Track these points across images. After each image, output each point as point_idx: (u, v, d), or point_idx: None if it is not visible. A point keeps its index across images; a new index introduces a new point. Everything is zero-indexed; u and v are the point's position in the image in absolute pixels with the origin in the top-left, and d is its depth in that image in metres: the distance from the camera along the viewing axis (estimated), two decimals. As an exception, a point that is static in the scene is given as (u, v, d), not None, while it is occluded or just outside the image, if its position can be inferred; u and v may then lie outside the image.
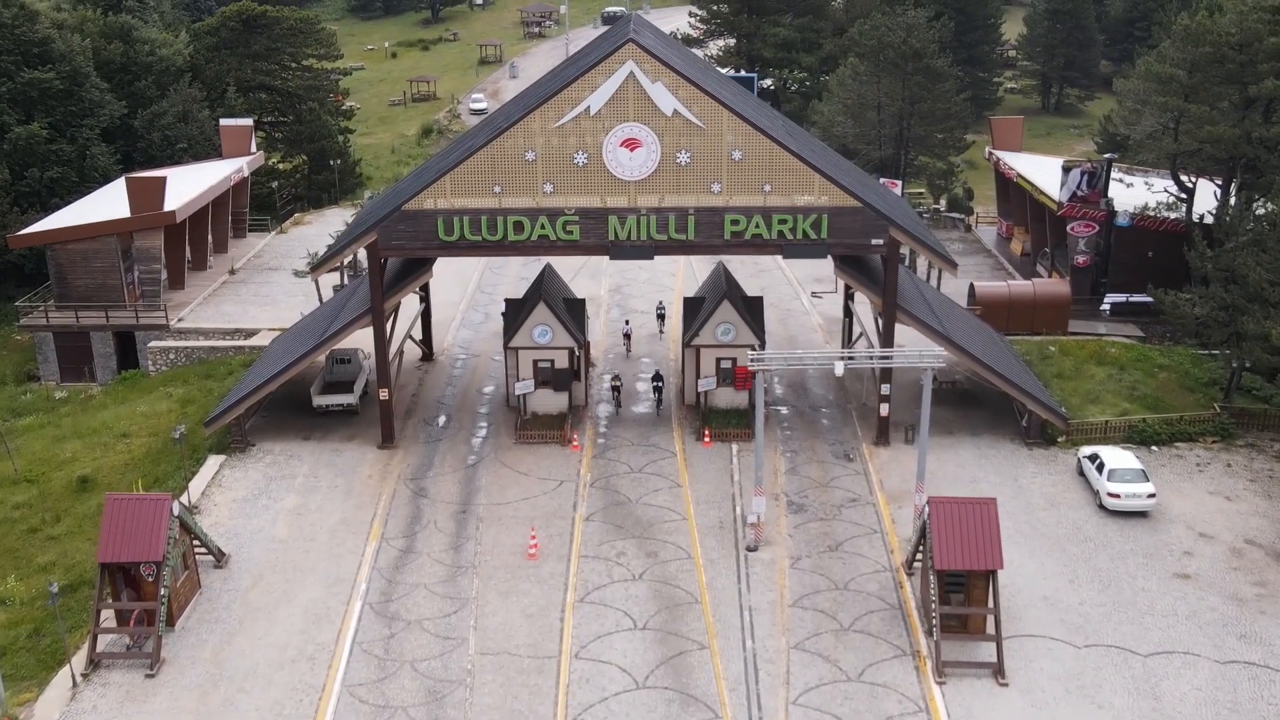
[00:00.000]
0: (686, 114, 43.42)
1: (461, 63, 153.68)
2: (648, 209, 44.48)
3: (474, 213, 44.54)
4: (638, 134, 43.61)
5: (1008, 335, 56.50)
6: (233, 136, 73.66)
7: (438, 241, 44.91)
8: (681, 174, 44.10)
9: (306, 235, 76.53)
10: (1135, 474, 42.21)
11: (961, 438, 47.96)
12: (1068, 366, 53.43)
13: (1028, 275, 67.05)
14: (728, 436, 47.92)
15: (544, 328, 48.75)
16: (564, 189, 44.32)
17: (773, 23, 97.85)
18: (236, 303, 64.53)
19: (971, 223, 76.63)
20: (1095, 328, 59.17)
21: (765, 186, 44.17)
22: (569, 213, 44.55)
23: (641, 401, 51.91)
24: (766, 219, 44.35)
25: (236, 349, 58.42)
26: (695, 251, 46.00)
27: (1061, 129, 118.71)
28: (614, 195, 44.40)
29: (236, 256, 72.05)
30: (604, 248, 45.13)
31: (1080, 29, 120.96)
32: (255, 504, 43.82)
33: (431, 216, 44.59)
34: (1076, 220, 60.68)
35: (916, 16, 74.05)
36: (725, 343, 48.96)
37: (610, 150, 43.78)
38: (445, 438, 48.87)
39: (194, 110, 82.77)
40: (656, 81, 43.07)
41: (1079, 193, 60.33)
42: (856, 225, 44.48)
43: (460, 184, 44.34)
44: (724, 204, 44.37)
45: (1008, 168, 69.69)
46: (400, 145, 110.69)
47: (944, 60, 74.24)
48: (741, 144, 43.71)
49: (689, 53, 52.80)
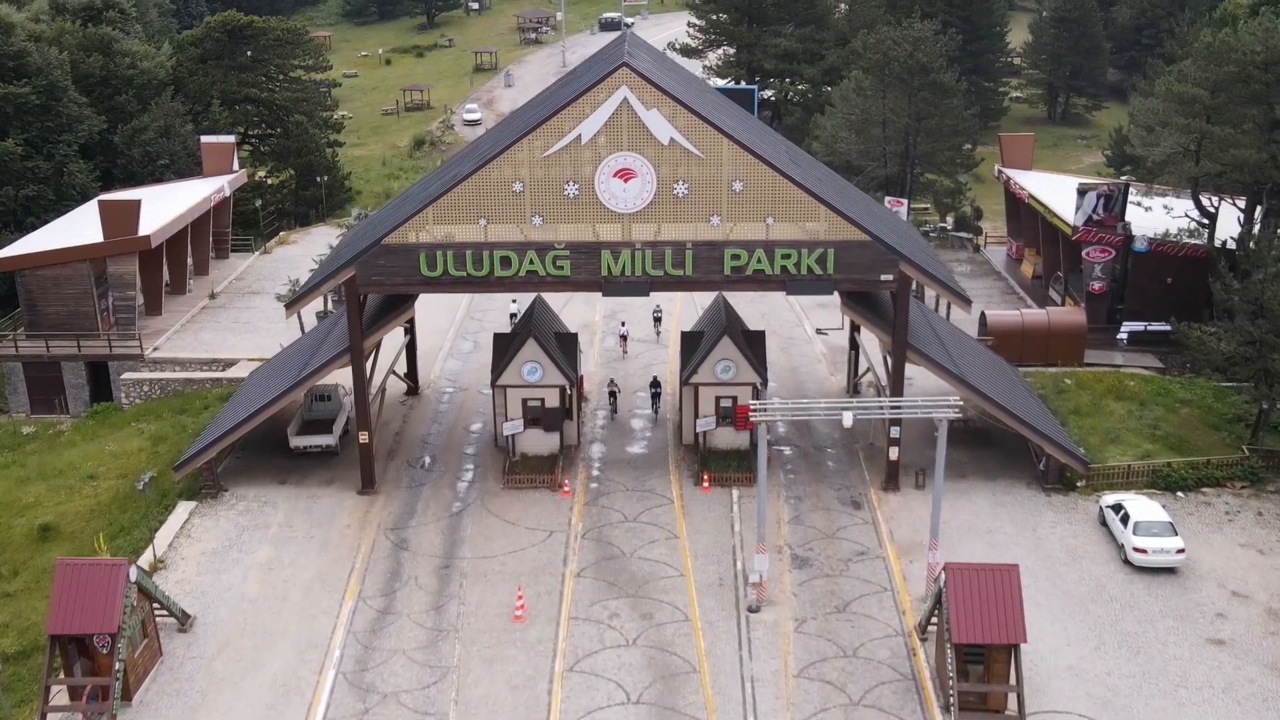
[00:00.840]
0: (684, 143, 40.79)
1: (456, 70, 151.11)
2: (643, 243, 41.85)
3: (458, 247, 41.91)
4: (632, 164, 41.00)
5: (1021, 366, 54.02)
6: (214, 154, 71.03)
7: (420, 278, 42.28)
8: (679, 206, 41.48)
9: (291, 256, 73.89)
10: (1163, 527, 39.57)
11: (975, 482, 45.32)
12: (1085, 402, 50.82)
13: (1039, 299, 64.48)
14: (728, 481, 45.28)
15: (533, 365, 46.13)
16: (554, 222, 41.70)
17: (774, 33, 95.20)
18: (215, 330, 61.87)
19: (980, 243, 74.02)
20: (1112, 358, 56.55)
21: (768, 219, 41.55)
22: (559, 247, 41.92)
23: (638, 415, 49.30)
24: (769, 253, 41.72)
25: (214, 381, 55.78)
26: (693, 288, 43.39)
27: (1069, 140, 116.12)
28: (607, 228, 41.78)
29: (217, 279, 69.39)
30: (596, 284, 42.50)
31: (1087, 37, 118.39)
32: (225, 557, 41.17)
33: (413, 251, 41.95)
34: (1092, 245, 58.08)
35: (923, 29, 71.42)
36: (725, 381, 46.39)
37: (603, 181, 41.17)
38: (429, 482, 46.22)
39: (176, 125, 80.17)
40: (652, 109, 40.44)
41: (1095, 216, 57.75)
42: (865, 260, 41.85)
43: (444, 216, 41.72)
44: (724, 238, 41.75)
45: (1018, 187, 67.07)
46: (392, 157, 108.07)
47: (952, 74, 71.61)
48: (742, 174, 41.10)
49: (686, 74, 50.13)
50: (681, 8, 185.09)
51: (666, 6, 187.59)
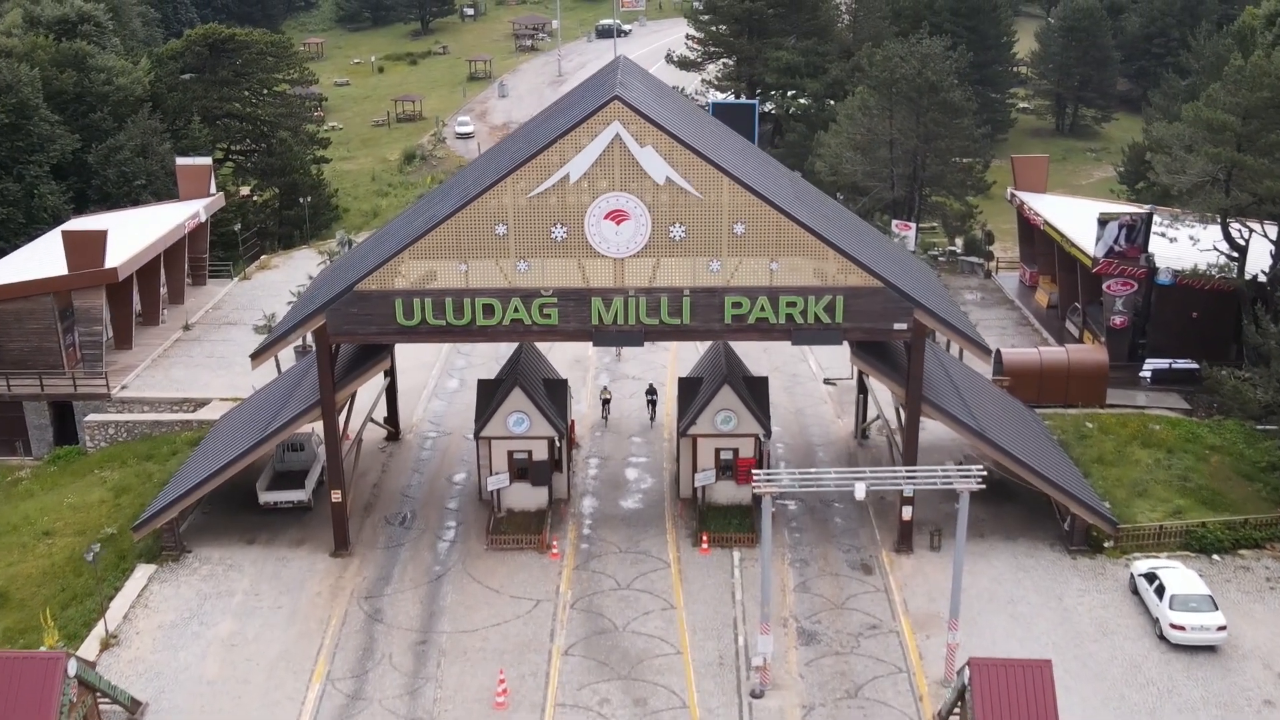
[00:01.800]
0: (681, 182, 37.62)
1: (450, 78, 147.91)
2: (636, 290, 38.67)
3: (437, 294, 38.73)
4: (625, 205, 37.82)
5: (1039, 407, 50.90)
6: (190, 177, 67.80)
7: (395, 327, 39.08)
8: (675, 250, 38.30)
9: (272, 282, 70.68)
10: (1202, 601, 36.41)
11: (995, 542, 42.15)
12: (1109, 449, 47.68)
13: (1055, 331, 61.32)
14: (728, 542, 42.10)
15: (520, 416, 42.97)
16: (540, 267, 38.52)
17: (775, 45, 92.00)
18: (188, 366, 58.63)
19: (991, 269, 70.79)
20: (1134, 398, 53.36)
21: (772, 264, 38.38)
22: (546, 294, 38.74)
23: (632, 464, 46.14)
24: (773, 301, 38.55)
25: (183, 423, 52.56)
26: (691, 337, 40.19)
27: (1078, 152, 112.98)
28: (598, 274, 38.60)
29: (193, 309, 66.15)
30: (587, 333, 39.34)
31: (1096, 47, 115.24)
32: (184, 631, 37.97)
33: (388, 298, 38.77)
34: (1114, 278, 54.90)
35: (932, 45, 68.25)
36: (726, 432, 43.24)
37: (593, 223, 37.99)
38: (408, 541, 43.04)
39: (154, 143, 76.94)
40: (646, 146, 37.27)
41: (1116, 248, 54.58)
42: (877, 308, 38.68)
43: (421, 261, 38.54)
44: (724, 284, 38.58)
45: (1032, 213, 63.88)
46: (381, 171, 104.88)
47: (962, 92, 68.45)
48: (745, 215, 37.92)
49: (684, 102, 46.96)
50: (680, 14, 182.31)
51: (664, 12, 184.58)
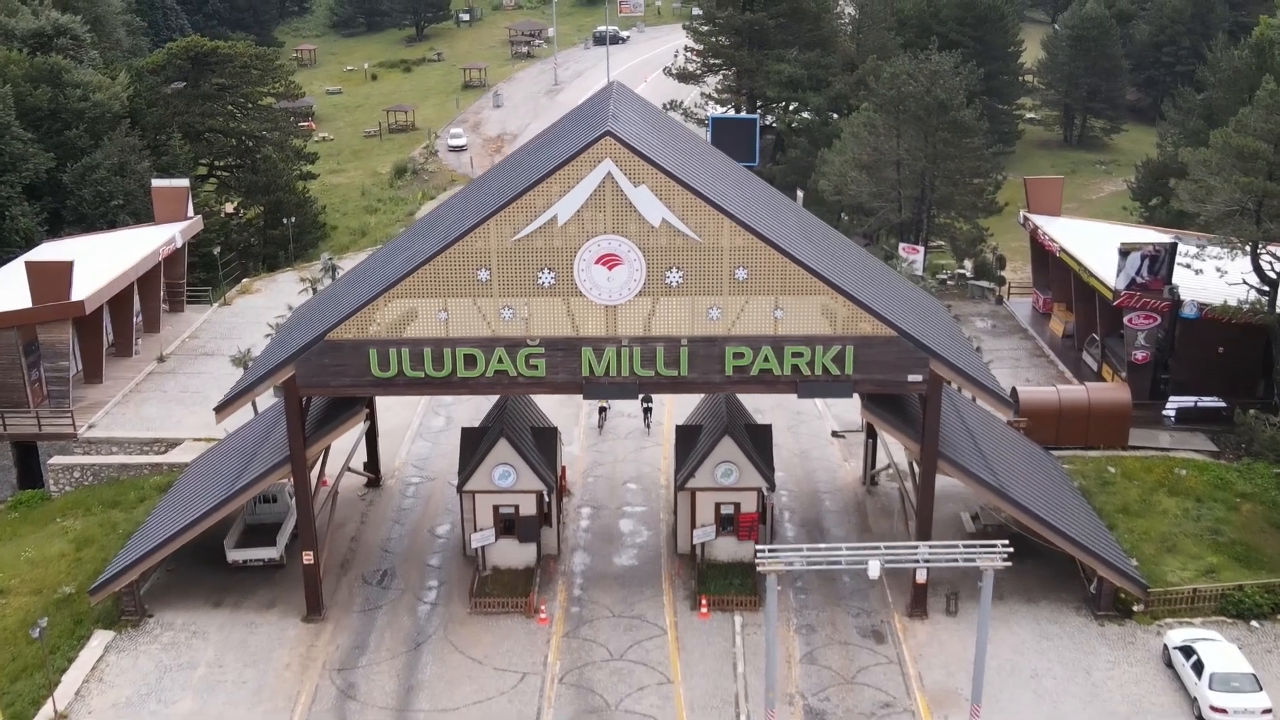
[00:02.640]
0: (678, 225, 34.75)
1: (444, 86, 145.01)
2: (630, 339, 35.81)
3: (415, 344, 35.87)
4: (617, 249, 34.96)
5: (1057, 449, 48.13)
6: (167, 199, 64.89)
7: (370, 379, 36.22)
8: (672, 297, 35.44)
9: (253, 308, 67.82)
10: (1245, 680, 33.56)
11: (1015, 605, 39.25)
12: (1133, 497, 44.83)
13: (1072, 364, 58.45)
14: (729, 605, 39.20)
15: (506, 469, 40.11)
16: (526, 315, 35.67)
17: (777, 57, 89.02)
18: (161, 402, 55.73)
19: (1003, 294, 67.86)
20: (1158, 438, 50.51)
21: (777, 311, 35.52)
22: (532, 343, 35.88)
23: (627, 514, 43.24)
24: (778, 351, 35.68)
25: (153, 467, 49.71)
26: (689, 389, 37.24)
27: (1087, 165, 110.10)
28: (589, 322, 35.75)
29: (169, 338, 63.28)
30: (577, 385, 36.45)
31: (1105, 57, 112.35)
32: (140, 710, 35.09)
33: (362, 348, 35.90)
34: (1135, 311, 52.03)
35: (941, 62, 65.36)
36: (726, 486, 40.38)
37: (583, 268, 35.13)
38: (386, 603, 40.15)
39: (132, 161, 74.08)
40: (640, 185, 34.40)
41: (1139, 279, 51.70)
42: (890, 358, 35.81)
43: (398, 308, 35.67)
44: (725, 333, 35.72)
45: (1047, 238, 60.99)
46: (372, 186, 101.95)
47: (973, 110, 65.56)
48: (747, 259, 35.05)
49: (682, 131, 43.99)
50: (679, 19, 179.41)
51: (663, 18, 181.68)
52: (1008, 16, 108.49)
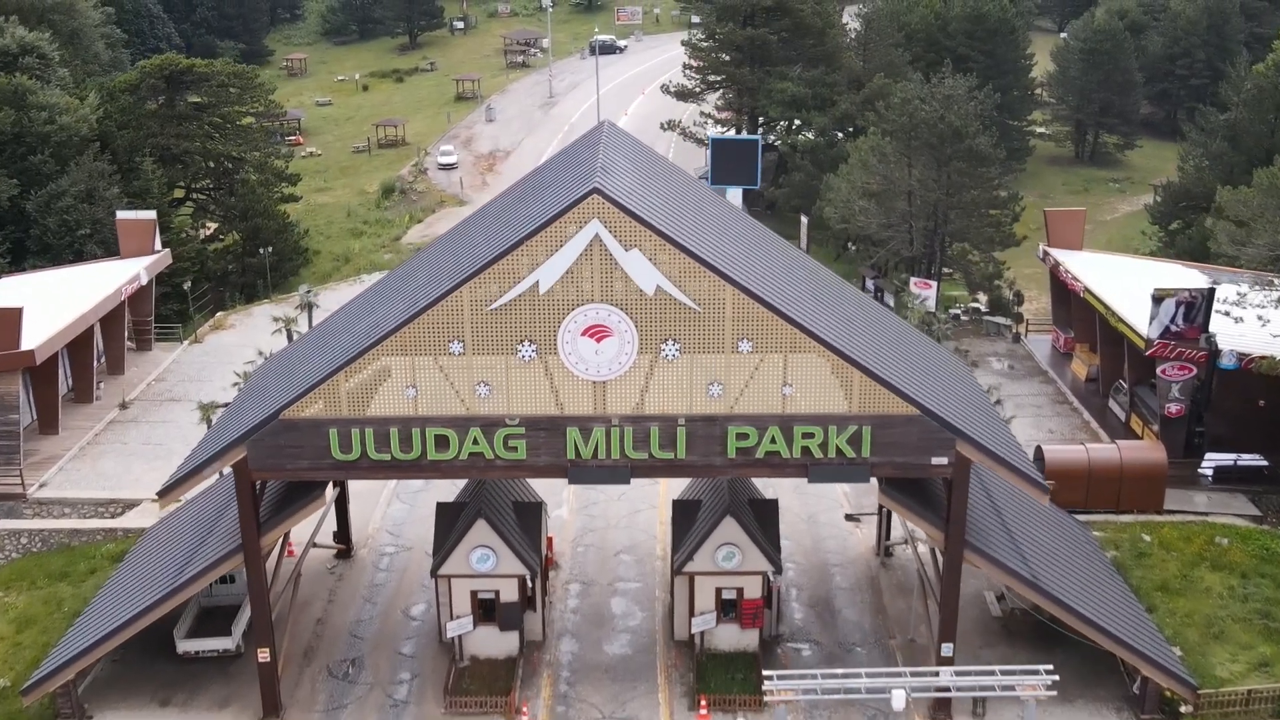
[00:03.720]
0: (675, 292, 30.94)
1: (437, 97, 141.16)
2: (621, 418, 32.00)
3: (380, 423, 32.06)
4: (606, 319, 31.14)
5: (1084, 514, 44.41)
6: (132, 233, 61.03)
7: (330, 461, 32.41)
8: (668, 372, 31.64)
9: (225, 346, 63.99)
10: (1313, 809, 29.78)
11: (1049, 705, 35.19)
12: (1172, 572, 41.04)
13: (1096, 410, 54.69)
14: (731, 705, 35.31)
15: (485, 552, 36.26)
16: (505, 391, 31.86)
17: (780, 75, 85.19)
18: (120, 455, 51.87)
19: (1020, 331, 63.98)
20: (1193, 500, 46.76)
21: (785, 388, 31.72)
22: (511, 423, 32.07)
23: (620, 591, 39.37)
24: (786, 431, 31.89)
25: (107, 532, 45.86)
26: (687, 473, 33.47)
27: (1100, 183, 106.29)
28: (575, 400, 31.94)
29: (134, 380, 59.43)
30: (562, 468, 32.64)
31: (1119, 70, 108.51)
32: (72, 836, 31.29)
33: (321, 428, 32.08)
34: (1169, 361, 48.22)
35: (955, 86, 61.52)
36: (728, 570, 36.54)
37: (569, 341, 31.32)
38: (352, 700, 36.29)
39: (101, 188, 70.19)
40: (632, 249, 30.59)
41: (1173, 327, 47.86)
42: (912, 439, 32.00)
43: (360, 383, 31.85)
44: (727, 411, 31.92)
45: (1070, 277, 57.10)
46: (358, 206, 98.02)
47: (989, 138, 61.74)
48: (753, 330, 31.25)
49: (680, 177, 39.98)
50: (677, 27, 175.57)
51: (661, 26, 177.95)
52: (1018, 30, 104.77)
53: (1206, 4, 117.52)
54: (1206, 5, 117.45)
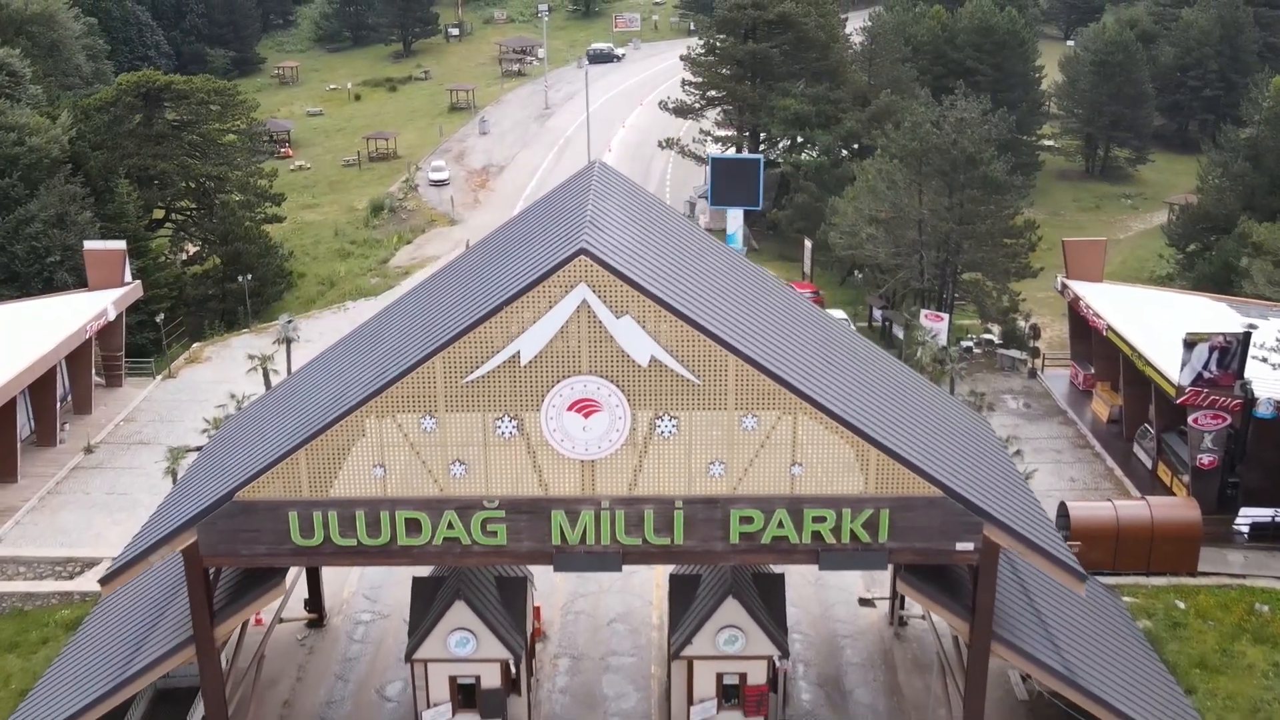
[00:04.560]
0: (671, 364, 27.79)
1: (430, 108, 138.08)
2: (612, 500, 28.86)
3: (345, 505, 28.92)
4: (595, 393, 28.00)
5: (1113, 576, 41.41)
6: (101, 264, 57.91)
7: (290, 546, 29.25)
8: (664, 449, 28.50)
9: (200, 382, 60.87)
10: None
11: (1081, 804, 32.29)
12: (1210, 646, 37.98)
13: (1120, 455, 51.65)
14: (735, 805, 32.28)
15: (464, 635, 33.07)
16: (483, 471, 28.73)
17: (782, 91, 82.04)
18: (82, 507, 48.73)
19: (1036, 366, 60.80)
20: (1228, 560, 43.68)
21: (794, 467, 28.57)
22: (490, 505, 28.93)
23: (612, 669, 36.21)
24: (795, 515, 28.76)
25: (62, 595, 42.71)
26: (685, 559, 30.37)
27: (1112, 200, 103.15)
28: (560, 479, 28.80)
29: (101, 420, 56.28)
30: (546, 555, 29.51)
31: (1130, 83, 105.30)
32: None
33: (279, 510, 28.93)
34: (1202, 410, 45.11)
35: (968, 108, 58.36)
36: (730, 654, 33.37)
37: (553, 416, 28.17)
38: (319, 800, 33.19)
39: (72, 212, 67.10)
40: (624, 316, 27.44)
41: (1206, 374, 44.77)
42: (934, 523, 28.86)
43: (322, 462, 28.71)
44: (729, 492, 28.78)
45: (1091, 313, 53.98)
46: (347, 224, 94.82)
47: (1003, 164, 58.60)
48: (759, 403, 28.12)
49: (674, 224, 36.64)
50: (676, 35, 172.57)
51: (660, 33, 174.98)
52: (1027, 42, 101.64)
53: (1219, 14, 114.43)
54: (1219, 15, 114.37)
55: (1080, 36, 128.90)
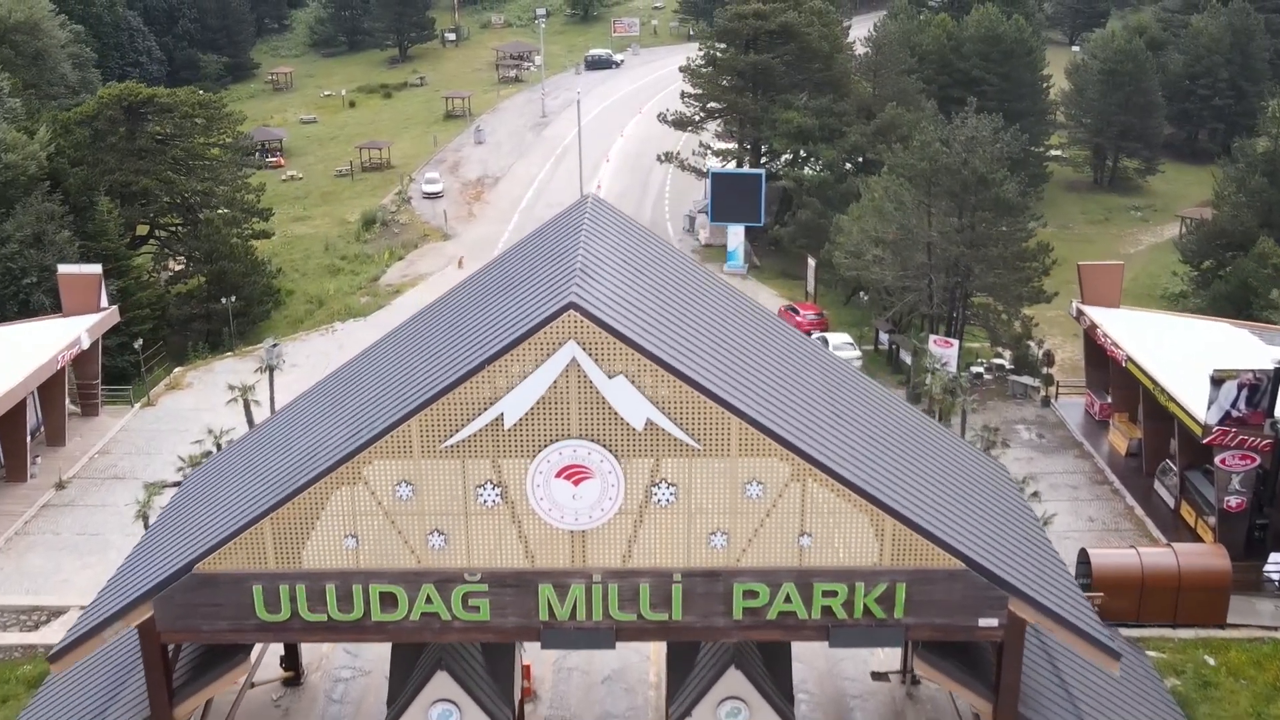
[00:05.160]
0: (669, 427, 25.46)
1: (425, 115, 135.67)
2: (605, 573, 26.54)
3: (314, 578, 26.60)
4: (586, 459, 25.67)
5: (1136, 628, 39.07)
6: (75, 288, 55.55)
7: (255, 622, 26.94)
8: (661, 519, 26.20)
9: (180, 410, 58.49)
10: None
11: None
12: (1243, 708, 35.72)
13: (1140, 491, 49.32)
14: None
15: (447, 708, 30.62)
16: (463, 541, 26.42)
17: (784, 103, 79.68)
18: (51, 549, 46.36)
19: (1050, 394, 58.41)
20: (1256, 609, 41.34)
21: (803, 538, 26.26)
22: (471, 578, 26.62)
23: None
24: (804, 589, 26.46)
25: (25, 649, 40.30)
26: (685, 635, 27.98)
27: (1121, 212, 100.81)
28: (548, 551, 26.49)
29: (75, 452, 53.91)
30: (533, 631, 27.20)
31: (1140, 92, 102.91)
32: None
33: (243, 583, 26.61)
34: (1230, 450, 42.78)
35: (979, 126, 56.02)
36: (733, 727, 31.02)
37: (540, 483, 25.85)
38: None
39: (50, 231, 64.70)
40: (616, 376, 25.10)
41: (1234, 412, 42.43)
42: (956, 597, 26.55)
43: (289, 531, 26.37)
44: (732, 565, 26.47)
45: (1109, 342, 51.59)
46: (338, 238, 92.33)
47: (1015, 185, 56.25)
48: (765, 471, 25.79)
49: (673, 264, 34.11)
50: (676, 39, 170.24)
51: (659, 38, 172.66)
52: (1035, 50, 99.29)
53: (1230, 21, 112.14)
54: (1230, 22, 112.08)
55: (1087, 43, 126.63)
